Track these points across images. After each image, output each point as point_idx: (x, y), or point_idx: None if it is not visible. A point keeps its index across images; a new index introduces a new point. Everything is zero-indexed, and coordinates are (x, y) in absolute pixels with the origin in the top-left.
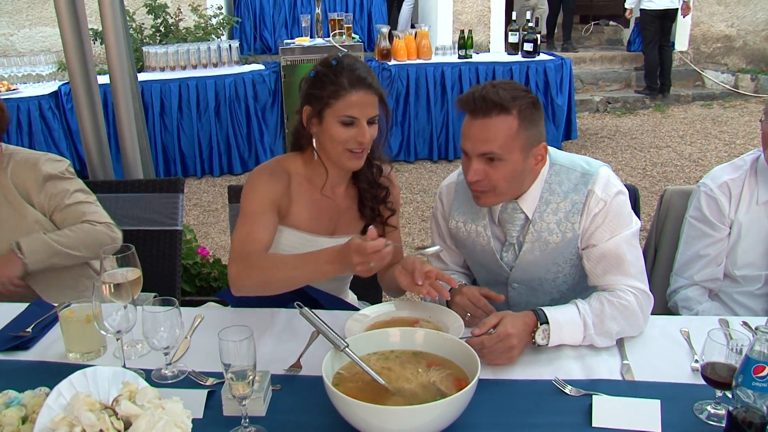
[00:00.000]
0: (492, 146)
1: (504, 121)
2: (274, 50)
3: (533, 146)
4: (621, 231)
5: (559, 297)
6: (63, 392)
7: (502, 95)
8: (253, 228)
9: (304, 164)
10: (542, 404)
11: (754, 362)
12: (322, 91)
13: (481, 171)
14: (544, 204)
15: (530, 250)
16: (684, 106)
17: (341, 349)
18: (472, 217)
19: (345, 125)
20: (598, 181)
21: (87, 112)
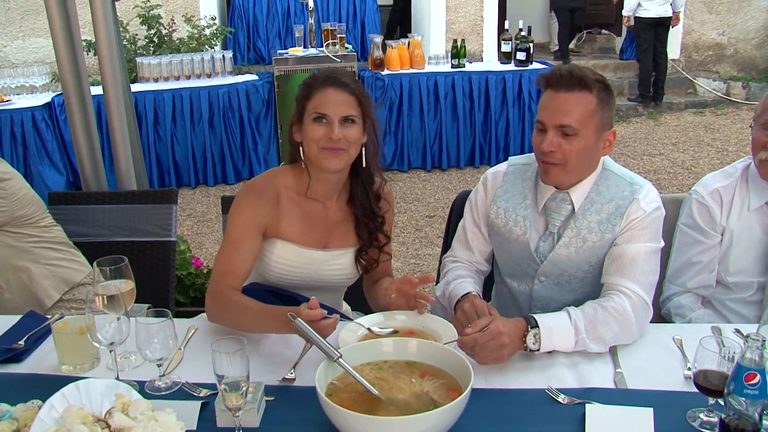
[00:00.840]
0: (571, 119)
1: (584, 98)
2: (268, 60)
3: (606, 129)
4: (646, 242)
5: (583, 297)
6: (55, 405)
7: (586, 73)
8: (232, 258)
9: (295, 176)
10: (535, 413)
11: (746, 370)
12: (300, 96)
13: (556, 143)
14: (589, 203)
15: (566, 245)
16: (677, 113)
17: (334, 359)
18: (514, 206)
19: (317, 122)
20: (645, 194)
21: (80, 123)
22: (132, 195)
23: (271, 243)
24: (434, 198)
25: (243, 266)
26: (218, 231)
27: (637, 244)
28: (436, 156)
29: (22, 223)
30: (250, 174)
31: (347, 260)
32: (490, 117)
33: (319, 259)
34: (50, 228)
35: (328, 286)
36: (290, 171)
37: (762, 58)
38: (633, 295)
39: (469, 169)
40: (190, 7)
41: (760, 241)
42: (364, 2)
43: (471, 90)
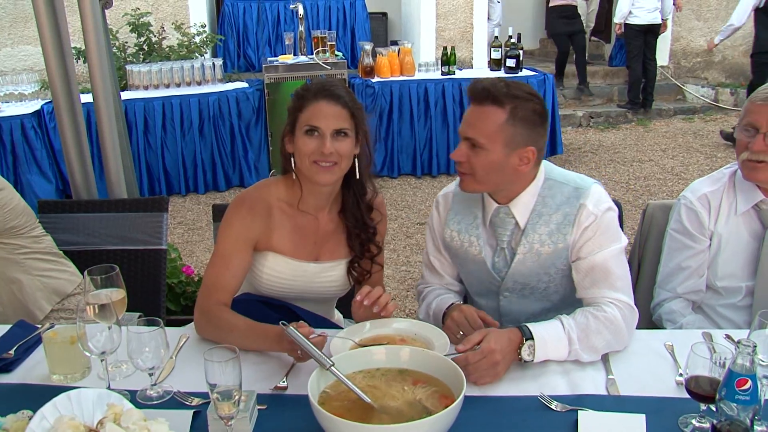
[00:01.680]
0: (475, 133)
1: (493, 113)
2: (258, 68)
3: (519, 146)
4: (609, 246)
5: (551, 306)
6: (46, 415)
7: (499, 89)
8: (222, 273)
9: (287, 188)
10: (528, 420)
11: (737, 375)
12: (291, 109)
13: (464, 154)
14: (536, 216)
15: (522, 261)
16: (666, 120)
17: (327, 367)
18: (466, 227)
19: (309, 135)
20: (591, 197)
21: (70, 131)
22: (122, 203)
23: (263, 255)
24: (425, 205)
25: (233, 281)
26: (209, 239)
27: (602, 252)
28: (426, 163)
29: (14, 234)
30: (241, 182)
31: (339, 272)
32: None
33: (311, 272)
34: (41, 238)
35: (320, 298)
36: (282, 182)
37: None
38: (620, 303)
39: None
40: (180, 15)
41: (748, 245)
42: (354, 10)
43: (461, 97)
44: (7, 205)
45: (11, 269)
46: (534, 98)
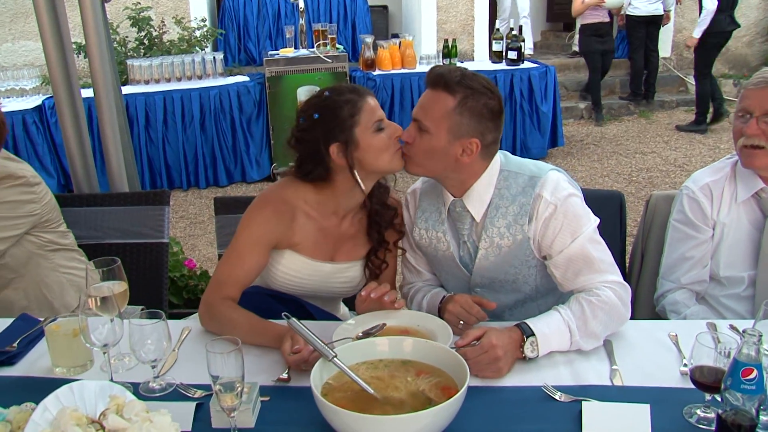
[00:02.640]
0: (423, 116)
1: (443, 99)
2: (259, 62)
3: (464, 136)
4: (581, 231)
5: (524, 297)
6: (49, 407)
7: (453, 77)
8: (235, 270)
9: (317, 194)
10: (532, 411)
11: (743, 365)
12: (338, 118)
13: (411, 135)
14: (494, 209)
15: (485, 256)
16: (668, 111)
17: (330, 358)
18: (432, 224)
19: (380, 131)
20: (546, 185)
21: (71, 125)
22: (124, 197)
23: (280, 253)
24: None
25: (244, 279)
26: (211, 233)
27: (575, 241)
28: None
29: (46, 228)
30: (243, 176)
31: (354, 273)
32: None
33: (326, 271)
34: (66, 234)
35: (329, 297)
36: (310, 189)
37: (753, 56)
38: (610, 284)
39: None
40: (181, 9)
41: (749, 234)
42: (355, 3)
43: None
44: (44, 198)
45: (40, 267)
46: (489, 92)
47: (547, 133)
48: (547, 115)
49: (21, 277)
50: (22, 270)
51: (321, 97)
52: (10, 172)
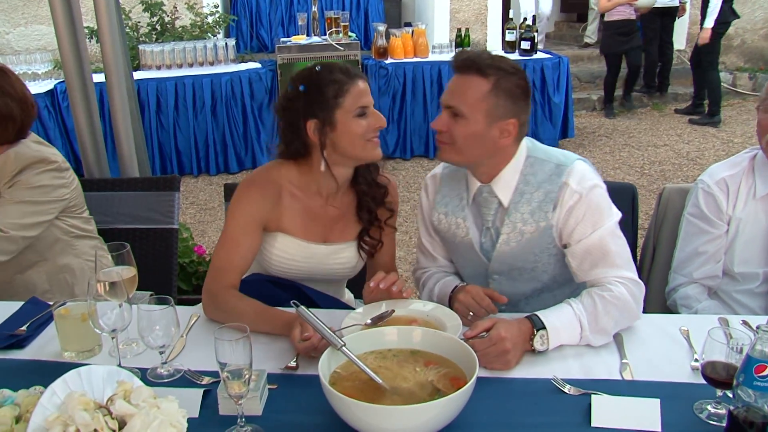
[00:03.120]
0: (457, 101)
1: (477, 83)
2: (271, 49)
3: (501, 118)
4: (602, 223)
5: (542, 286)
6: (57, 391)
7: (484, 60)
8: (231, 255)
9: (300, 173)
10: (541, 403)
11: (756, 361)
12: (321, 96)
13: (445, 122)
14: (519, 195)
15: (507, 241)
16: (682, 104)
17: (338, 347)
18: (453, 209)
19: (361, 117)
20: (573, 174)
21: (82, 110)
22: (134, 182)
23: (273, 237)
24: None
25: (242, 263)
26: (221, 219)
27: (595, 232)
28: None
29: (74, 213)
30: (253, 163)
31: (350, 254)
32: None
33: (321, 253)
34: (89, 220)
35: (330, 279)
36: (293, 166)
37: None
38: (624, 280)
39: None
40: None
41: (766, 230)
42: None
43: None
44: (72, 183)
45: (64, 252)
46: (519, 72)
47: (558, 124)
48: (558, 106)
49: (45, 260)
50: (47, 253)
51: (312, 71)
52: (43, 156)
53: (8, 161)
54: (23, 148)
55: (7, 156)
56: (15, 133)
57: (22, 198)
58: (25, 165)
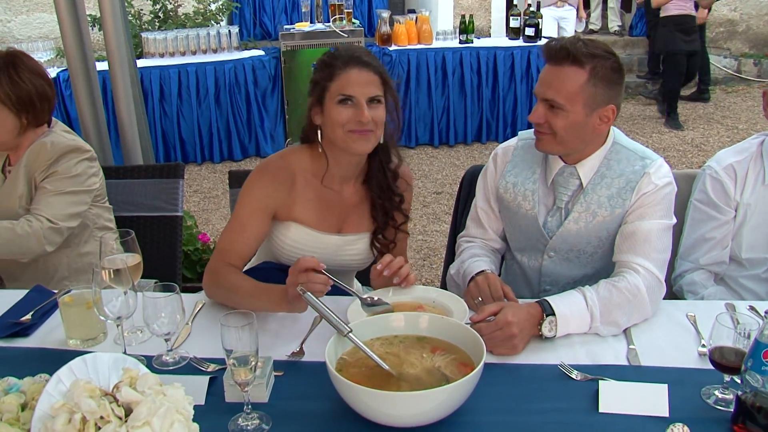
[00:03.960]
0: (554, 94)
1: (574, 73)
2: (274, 36)
3: (600, 106)
4: (658, 218)
5: (593, 273)
6: (63, 379)
7: (579, 48)
8: (236, 238)
9: (312, 159)
10: (548, 389)
11: (764, 346)
12: (318, 79)
13: (543, 115)
14: (599, 177)
15: (576, 220)
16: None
17: (344, 334)
18: (522, 180)
19: (343, 104)
20: (655, 168)
21: (85, 98)
22: (138, 170)
23: (285, 226)
24: (441, 174)
25: (246, 248)
26: (225, 207)
27: (649, 221)
28: (444, 132)
29: (99, 201)
30: (257, 150)
31: (362, 245)
32: (498, 93)
33: (333, 244)
34: (110, 209)
35: (341, 270)
36: (307, 152)
37: None
38: (646, 273)
39: (477, 145)
40: None
41: None
42: None
43: (479, 66)
44: (100, 172)
45: (88, 241)
46: (612, 56)
47: None
48: None
49: (68, 248)
50: (73, 241)
51: (328, 51)
52: (78, 144)
53: (43, 150)
54: (57, 137)
55: (43, 145)
56: (51, 113)
57: (63, 188)
58: (61, 153)
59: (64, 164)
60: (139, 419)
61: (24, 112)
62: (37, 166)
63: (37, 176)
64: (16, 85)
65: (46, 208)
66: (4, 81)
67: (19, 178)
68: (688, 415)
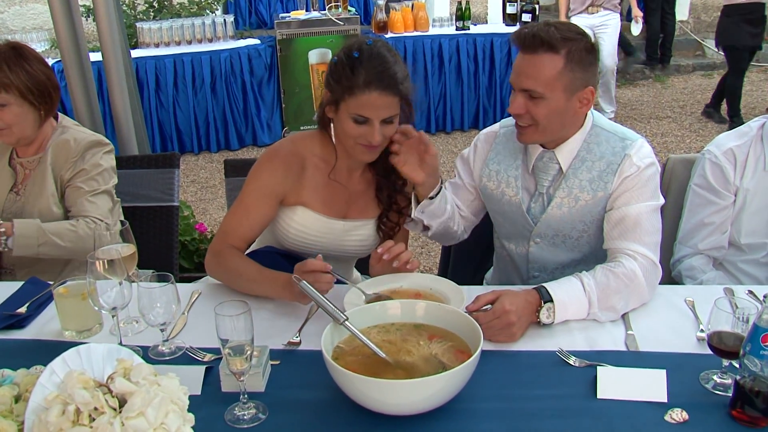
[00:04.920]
0: (533, 83)
1: (550, 60)
2: (270, 24)
3: (578, 89)
4: (645, 200)
5: (580, 257)
6: (56, 370)
7: (552, 34)
8: (241, 222)
9: (322, 145)
10: (546, 376)
11: (763, 330)
12: (337, 84)
13: (522, 105)
14: (579, 161)
15: (559, 205)
16: (684, 76)
17: (341, 322)
18: (505, 167)
19: (357, 123)
20: (636, 149)
21: (80, 89)
22: (134, 160)
23: (292, 210)
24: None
25: (249, 232)
26: (222, 197)
27: (637, 204)
28: (441, 119)
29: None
30: (254, 140)
31: (368, 231)
32: (495, 79)
33: (339, 229)
34: (118, 203)
35: (344, 257)
36: (317, 138)
37: None
38: (641, 258)
39: (474, 131)
40: None
41: None
42: None
43: (475, 52)
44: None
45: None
46: (584, 36)
47: None
48: None
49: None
50: None
51: (351, 51)
52: (98, 138)
53: (67, 147)
54: (77, 133)
55: (66, 142)
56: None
57: (98, 187)
58: (85, 149)
59: (90, 161)
60: (133, 410)
61: (43, 104)
62: (62, 163)
63: (64, 174)
64: (32, 76)
65: (93, 209)
66: (21, 74)
67: (46, 177)
68: (686, 400)
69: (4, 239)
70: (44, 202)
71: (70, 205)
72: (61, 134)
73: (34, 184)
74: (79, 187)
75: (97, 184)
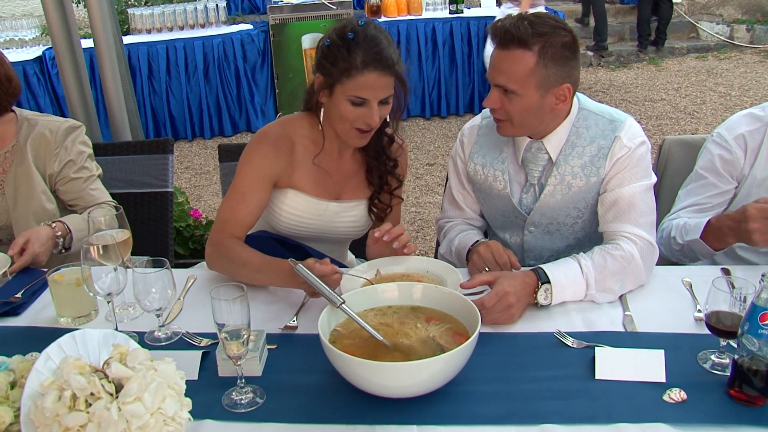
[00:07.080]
0: (505, 80)
1: (522, 56)
2: (262, 9)
3: (554, 86)
4: (638, 180)
5: (576, 243)
6: (52, 356)
7: (523, 30)
8: (238, 208)
9: (311, 127)
10: (544, 357)
11: (761, 309)
12: (333, 66)
13: (497, 100)
14: (569, 147)
15: (552, 193)
16: (678, 58)
17: (337, 305)
18: (491, 161)
19: (354, 105)
20: (626, 130)
21: (72, 76)
22: (127, 146)
23: (283, 193)
24: (434, 146)
25: (248, 218)
26: (216, 183)
27: (630, 185)
28: (435, 103)
29: None
30: (248, 126)
31: (359, 212)
32: None
33: (331, 211)
34: None
35: (337, 238)
36: (306, 120)
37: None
38: (638, 239)
39: (469, 116)
40: None
41: None
42: None
43: (469, 36)
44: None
45: None
46: (561, 30)
47: None
48: None
49: None
50: None
51: (345, 33)
52: (70, 123)
53: (46, 140)
54: (49, 123)
55: (43, 136)
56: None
57: (91, 174)
58: (64, 136)
59: (73, 150)
60: (130, 395)
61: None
62: (45, 156)
63: (49, 167)
64: None
65: (100, 194)
66: None
67: (32, 176)
68: (684, 380)
69: (62, 241)
70: (36, 202)
71: (73, 199)
72: (31, 127)
73: (19, 185)
74: (75, 178)
75: (89, 171)
